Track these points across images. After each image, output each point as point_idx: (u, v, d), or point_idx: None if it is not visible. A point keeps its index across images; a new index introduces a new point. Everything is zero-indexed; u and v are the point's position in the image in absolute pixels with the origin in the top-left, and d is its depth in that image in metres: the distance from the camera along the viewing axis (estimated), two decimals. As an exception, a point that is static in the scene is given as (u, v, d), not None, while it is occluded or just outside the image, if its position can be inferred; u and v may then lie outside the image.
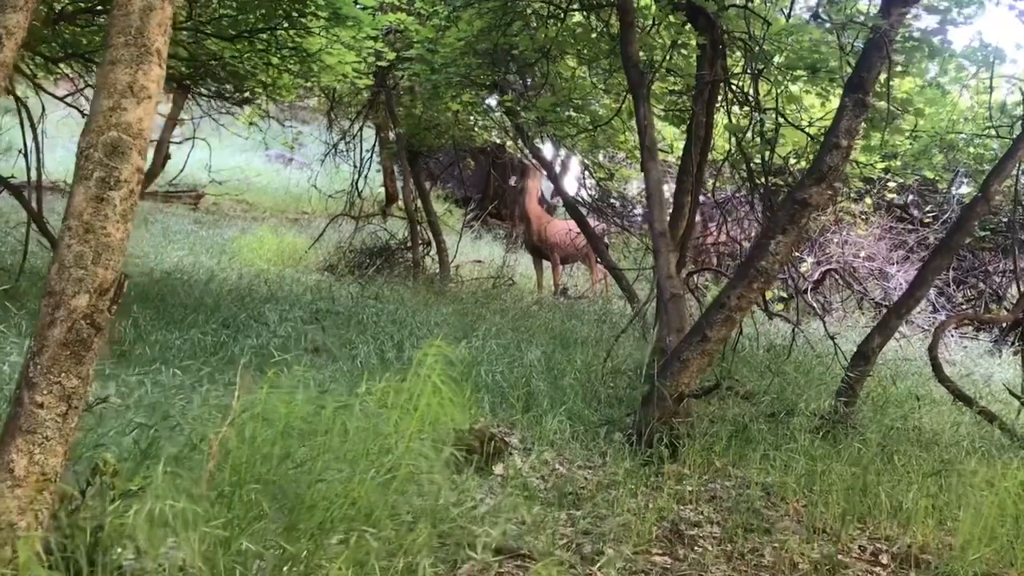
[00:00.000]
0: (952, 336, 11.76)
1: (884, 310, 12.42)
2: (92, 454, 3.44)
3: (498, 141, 16.80)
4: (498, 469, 5.73)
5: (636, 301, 12.46)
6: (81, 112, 10.06)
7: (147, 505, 3.04)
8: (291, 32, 9.07)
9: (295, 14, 8.75)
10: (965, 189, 13.41)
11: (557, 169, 18.71)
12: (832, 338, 8.55)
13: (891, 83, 6.87)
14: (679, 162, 10.73)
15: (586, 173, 16.42)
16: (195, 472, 3.24)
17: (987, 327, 12.02)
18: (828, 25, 6.90)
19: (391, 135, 15.25)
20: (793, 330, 8.75)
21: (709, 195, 11.16)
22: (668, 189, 10.49)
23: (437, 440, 3.63)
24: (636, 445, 6.12)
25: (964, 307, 13.47)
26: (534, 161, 14.82)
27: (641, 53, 8.31)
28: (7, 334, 5.22)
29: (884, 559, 5.11)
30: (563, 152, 19.91)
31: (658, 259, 7.29)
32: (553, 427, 6.32)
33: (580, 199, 16.19)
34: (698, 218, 12.34)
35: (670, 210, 8.38)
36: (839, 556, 4.97)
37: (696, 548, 4.98)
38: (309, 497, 3.15)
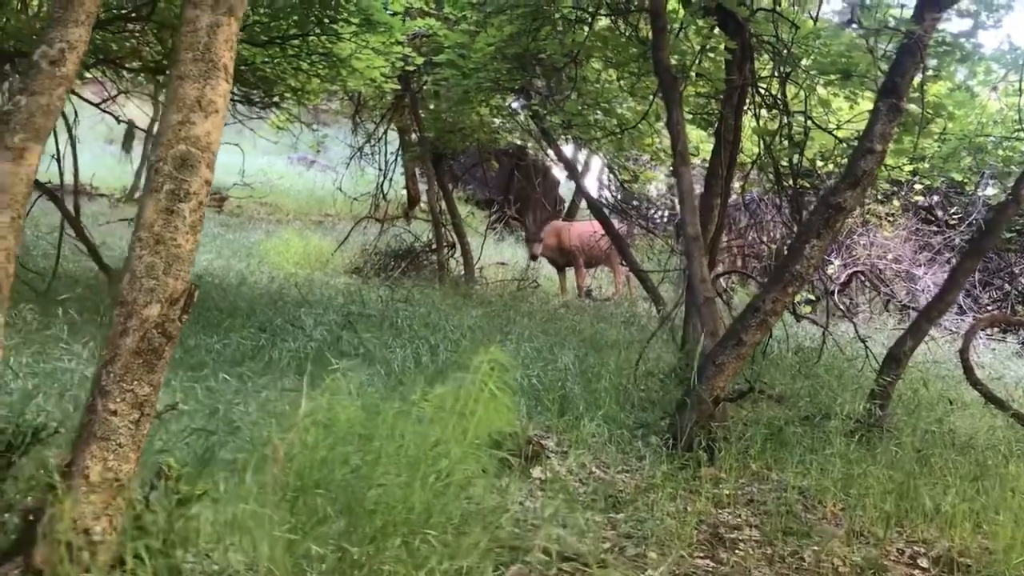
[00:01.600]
0: (980, 338, 11.75)
1: (911, 312, 12.46)
2: (156, 459, 3.51)
3: (520, 143, 16.87)
4: (536, 472, 5.78)
5: (662, 303, 12.52)
6: (116, 119, 10.15)
7: (211, 509, 3.11)
8: (323, 38, 9.14)
9: (327, 20, 8.83)
10: (991, 191, 13.39)
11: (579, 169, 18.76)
12: (863, 341, 8.57)
13: (924, 88, 6.89)
14: (705, 164, 10.81)
15: (610, 176, 16.45)
16: (259, 477, 3.30)
17: (1014, 329, 12.01)
18: (862, 31, 6.90)
19: (414, 137, 15.34)
20: (823, 333, 8.77)
21: (738, 197, 11.18)
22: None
23: (483, 445, 3.70)
24: (673, 449, 6.16)
25: (990, 308, 13.44)
26: (557, 161, 14.90)
27: (672, 58, 8.34)
28: (60, 338, 5.29)
29: (923, 563, 5.13)
30: (584, 152, 19.95)
31: (691, 263, 7.34)
32: (590, 430, 6.37)
33: (604, 201, 16.23)
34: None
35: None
36: (879, 560, 5.00)
37: (737, 551, 5.02)
38: (369, 501, 3.21)
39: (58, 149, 9.20)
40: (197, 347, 6.86)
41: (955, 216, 14.36)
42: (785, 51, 8.67)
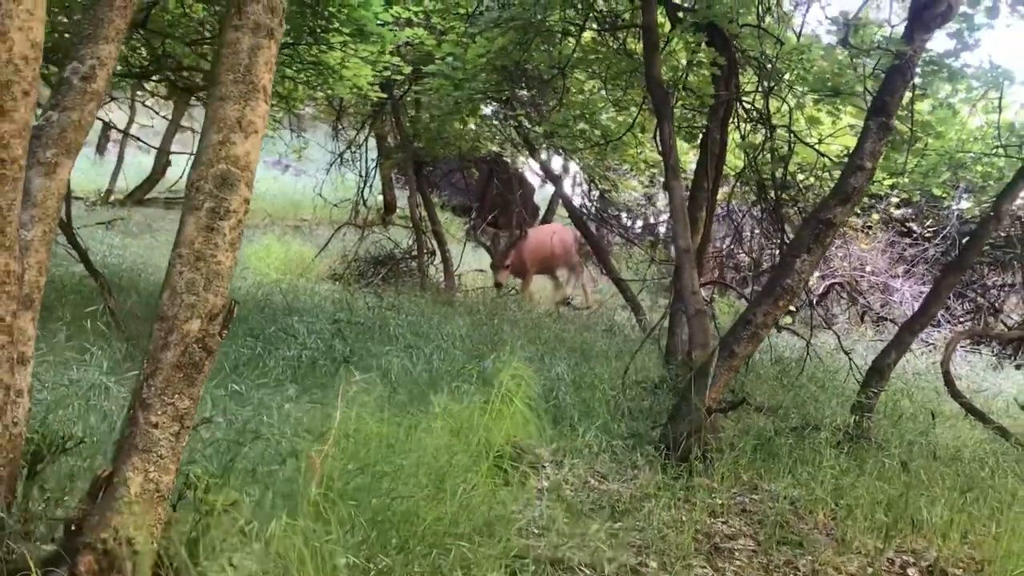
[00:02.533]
0: (956, 350, 11.94)
1: (888, 323, 12.66)
2: (183, 469, 3.57)
3: (499, 151, 16.94)
4: (532, 482, 5.87)
5: (641, 313, 12.64)
6: (107, 124, 10.14)
7: (240, 519, 3.18)
8: (314, 48, 9.20)
9: (319, 31, 8.89)
10: (965, 204, 13.63)
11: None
12: (847, 353, 8.73)
13: (912, 106, 7.05)
14: (689, 177, 10.95)
15: (590, 185, 16.55)
16: (287, 487, 3.38)
17: (987, 341, 12.24)
18: (854, 51, 7.06)
19: (390, 143, 15.38)
20: (807, 345, 8.92)
21: (718, 209, 11.33)
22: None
23: (492, 456, 3.79)
24: (668, 459, 6.27)
25: (963, 321, 13.67)
26: (540, 170, 14.97)
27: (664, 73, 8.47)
28: (64, 346, 5.34)
29: (914, 572, 5.27)
30: (559, 161, 20.07)
31: (682, 275, 7.46)
32: (584, 440, 6.46)
33: (585, 210, 16.32)
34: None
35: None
36: (869, 568, 5.13)
37: (734, 561, 5.14)
38: (396, 512, 3.29)
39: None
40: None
41: (930, 229, 14.60)
42: (770, 66, 8.84)
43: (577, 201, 17.52)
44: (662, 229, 20.74)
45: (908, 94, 6.86)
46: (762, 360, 9.72)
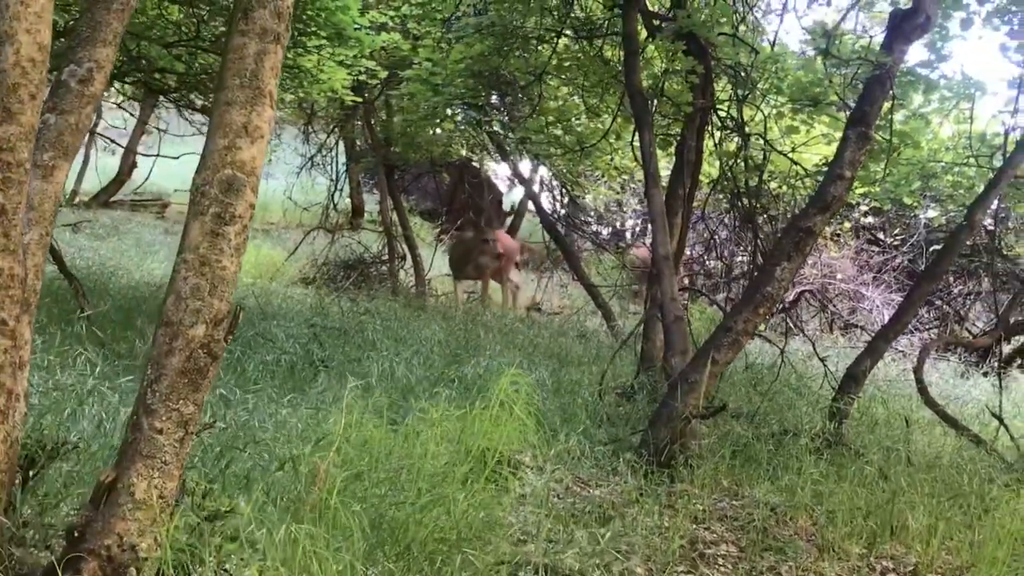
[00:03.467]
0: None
1: (858, 331, 12.78)
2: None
3: (469, 155, 16.95)
4: (514, 488, 5.87)
5: (613, 319, 12.71)
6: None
7: (239, 525, 3.17)
8: (291, 51, 9.18)
9: (297, 34, 8.86)
10: (932, 213, 13.81)
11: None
12: (823, 360, 8.81)
13: (891, 116, 7.15)
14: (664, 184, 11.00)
15: (562, 190, 16.58)
16: (285, 492, 3.37)
17: (954, 349, 12.38)
18: (835, 61, 7.14)
19: (361, 146, 15.34)
20: (782, 353, 9.00)
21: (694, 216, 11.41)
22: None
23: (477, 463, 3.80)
24: (649, 465, 6.29)
25: (930, 327, 13.84)
26: (513, 176, 14.98)
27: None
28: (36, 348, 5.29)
29: (895, 577, 5.34)
30: (527, 165, 20.11)
31: (661, 282, 7.51)
32: (565, 446, 6.47)
33: (555, 215, 16.35)
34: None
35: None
36: (852, 574, 5.18)
37: (718, 566, 5.17)
38: (397, 519, 3.30)
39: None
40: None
41: (898, 237, 14.78)
42: (744, 75, 8.92)
43: (547, 206, 17.53)
44: (629, 235, 20.86)
45: (887, 104, 6.94)
46: (735, 366, 9.77)
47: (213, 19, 9.02)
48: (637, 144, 8.31)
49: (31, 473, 3.49)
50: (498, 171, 22.66)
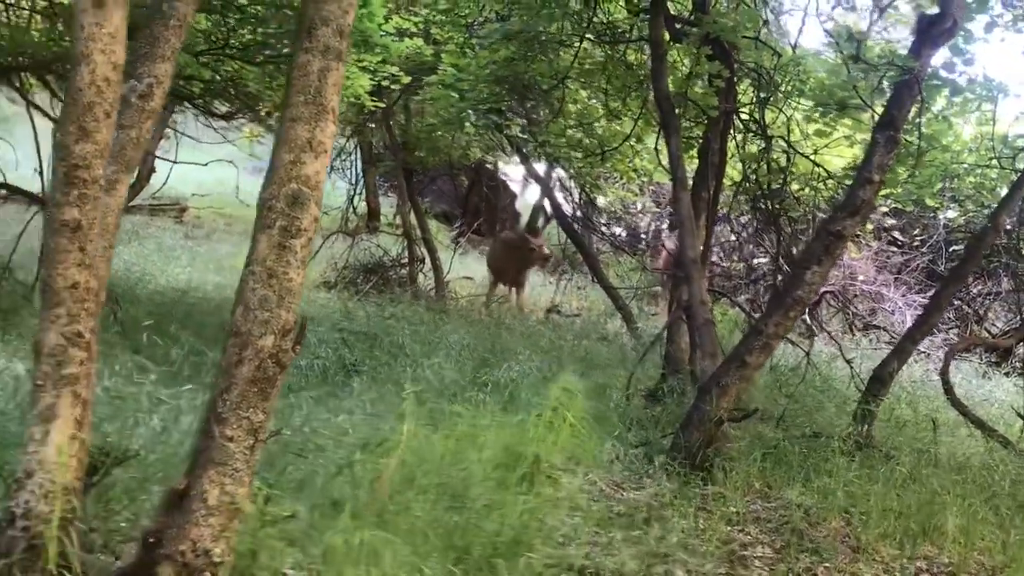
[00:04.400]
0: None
1: (881, 332, 12.82)
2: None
3: (488, 158, 17.03)
4: (548, 490, 5.93)
5: (633, 322, 12.76)
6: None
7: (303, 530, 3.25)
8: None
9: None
10: (952, 214, 13.84)
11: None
12: (849, 362, 8.86)
13: (919, 120, 7.21)
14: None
15: (581, 192, 16.63)
16: (343, 497, 3.44)
17: (974, 349, 12.40)
18: (864, 66, 7.19)
19: (379, 150, 15.43)
20: (807, 355, 9.05)
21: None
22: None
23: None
24: (682, 467, 6.35)
25: (949, 328, 13.84)
26: (531, 178, 15.05)
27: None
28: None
29: (929, 578, 5.39)
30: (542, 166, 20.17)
31: (690, 285, 7.58)
32: (598, 448, 6.52)
33: (574, 217, 16.40)
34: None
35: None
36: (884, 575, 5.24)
37: (755, 568, 5.23)
38: (458, 524, 3.37)
39: (40, 160, 9.17)
40: (213, 364, 6.89)
41: (917, 238, 14.80)
42: (767, 78, 8.99)
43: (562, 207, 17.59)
44: (643, 237, 20.87)
45: (916, 108, 7.00)
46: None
47: (241, 28, 9.11)
48: (657, 147, 8.36)
49: (94, 480, 3.57)
50: (510, 172, 22.76)
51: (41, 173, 9.22)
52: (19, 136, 9.81)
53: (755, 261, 13.74)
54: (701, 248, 9.02)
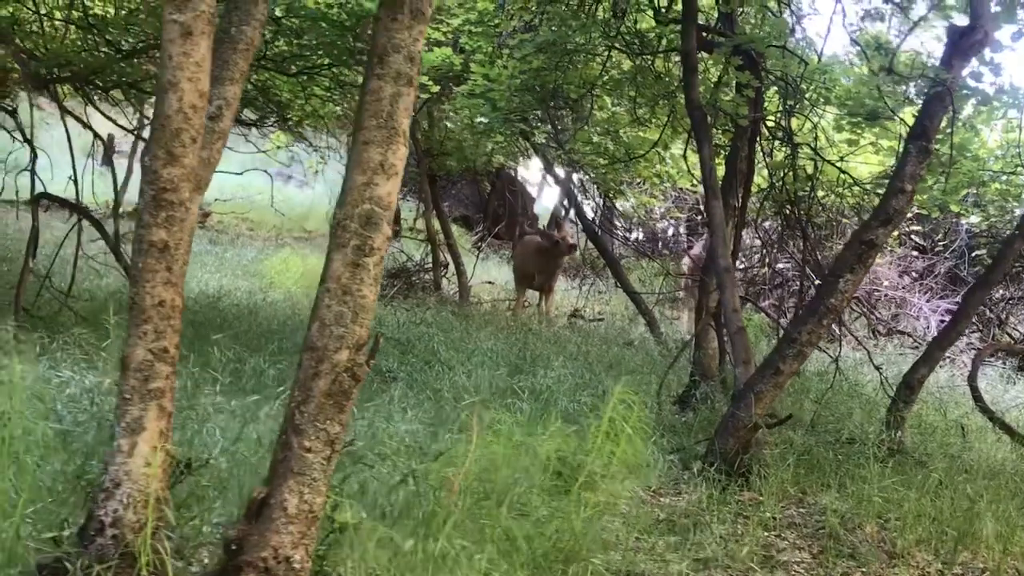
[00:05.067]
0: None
1: (906, 337, 12.90)
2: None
3: (507, 163, 17.15)
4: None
5: (657, 327, 12.87)
6: (95, 134, 10.15)
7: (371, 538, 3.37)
8: (352, 69, 9.43)
9: (358, 53, 9.10)
10: (974, 219, 13.92)
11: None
12: (878, 368, 8.94)
13: (951, 130, 7.30)
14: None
15: (604, 198, 16.75)
16: (410, 506, 3.56)
17: (997, 354, 12.49)
18: (897, 78, 7.30)
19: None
20: (835, 361, 9.13)
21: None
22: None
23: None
24: (718, 473, 6.46)
25: (971, 332, 13.90)
26: (554, 183, 15.17)
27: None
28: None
29: (966, 584, 5.49)
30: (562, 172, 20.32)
31: (723, 293, 7.68)
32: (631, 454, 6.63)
33: (596, 221, 16.52)
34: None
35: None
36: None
37: (795, 572, 5.33)
38: (527, 531, 3.49)
39: (75, 169, 9.27)
40: (252, 372, 7.02)
41: (940, 243, 14.89)
42: (794, 86, 9.10)
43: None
44: (661, 243, 20.98)
45: (948, 118, 7.08)
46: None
47: (276, 40, 9.26)
48: (685, 154, 8.45)
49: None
50: (527, 177, 22.92)
51: (76, 181, 9.35)
52: (43, 142, 9.95)
53: (778, 266, 13.83)
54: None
